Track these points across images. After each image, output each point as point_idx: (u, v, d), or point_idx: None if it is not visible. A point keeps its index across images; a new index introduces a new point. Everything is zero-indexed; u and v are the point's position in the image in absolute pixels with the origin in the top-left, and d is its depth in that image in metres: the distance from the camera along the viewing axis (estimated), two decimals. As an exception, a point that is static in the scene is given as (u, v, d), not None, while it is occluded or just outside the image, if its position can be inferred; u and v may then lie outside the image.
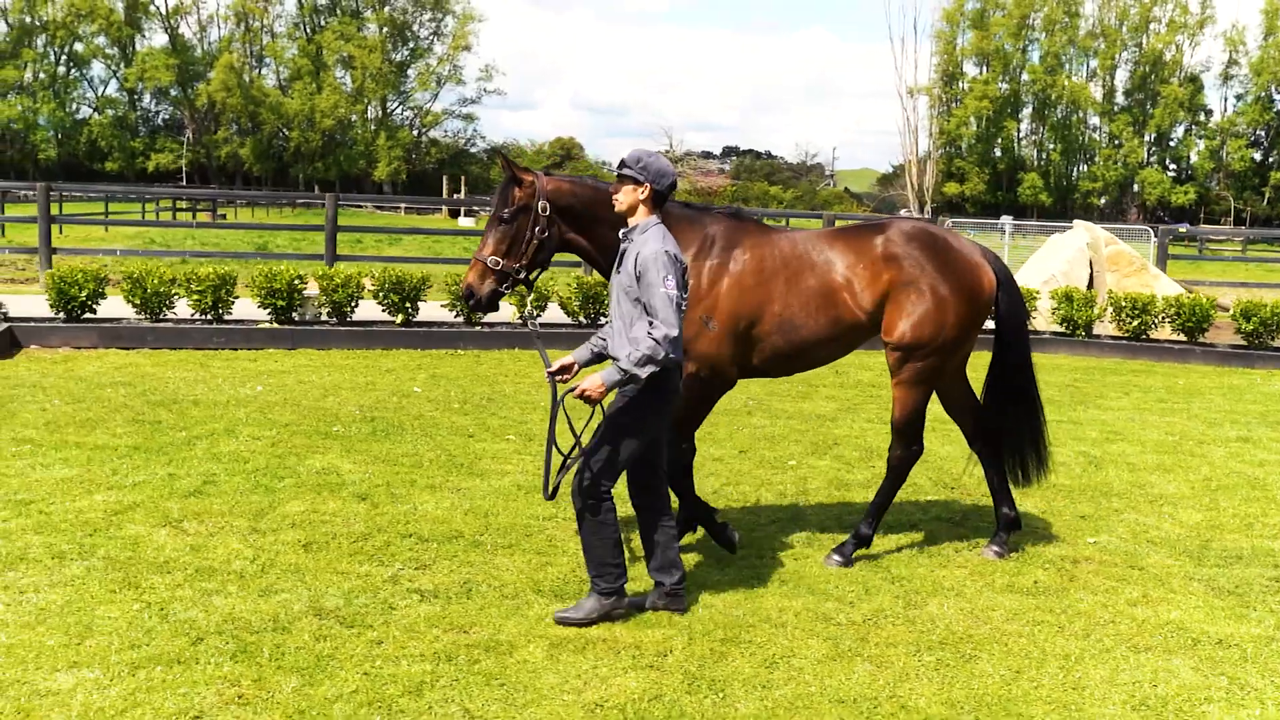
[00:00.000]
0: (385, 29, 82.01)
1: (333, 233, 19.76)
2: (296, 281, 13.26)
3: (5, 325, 12.11)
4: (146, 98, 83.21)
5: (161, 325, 12.85)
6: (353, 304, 13.44)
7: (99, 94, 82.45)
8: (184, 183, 69.98)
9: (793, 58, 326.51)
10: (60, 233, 34.51)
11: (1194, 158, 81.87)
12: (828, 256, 6.19)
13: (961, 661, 5.03)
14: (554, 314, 15.04)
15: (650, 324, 5.00)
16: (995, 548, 6.53)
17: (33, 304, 14.19)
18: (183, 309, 13.47)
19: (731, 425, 9.88)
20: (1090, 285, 16.69)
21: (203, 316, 13.12)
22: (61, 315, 12.74)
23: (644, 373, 4.98)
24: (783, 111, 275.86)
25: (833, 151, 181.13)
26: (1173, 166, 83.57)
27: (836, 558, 6.25)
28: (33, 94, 77.02)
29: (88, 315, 12.86)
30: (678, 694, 4.57)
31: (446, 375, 11.83)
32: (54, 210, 36.97)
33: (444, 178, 68.54)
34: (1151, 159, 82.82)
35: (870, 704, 4.57)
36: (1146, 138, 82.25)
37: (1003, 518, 6.63)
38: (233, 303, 13.24)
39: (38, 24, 77.77)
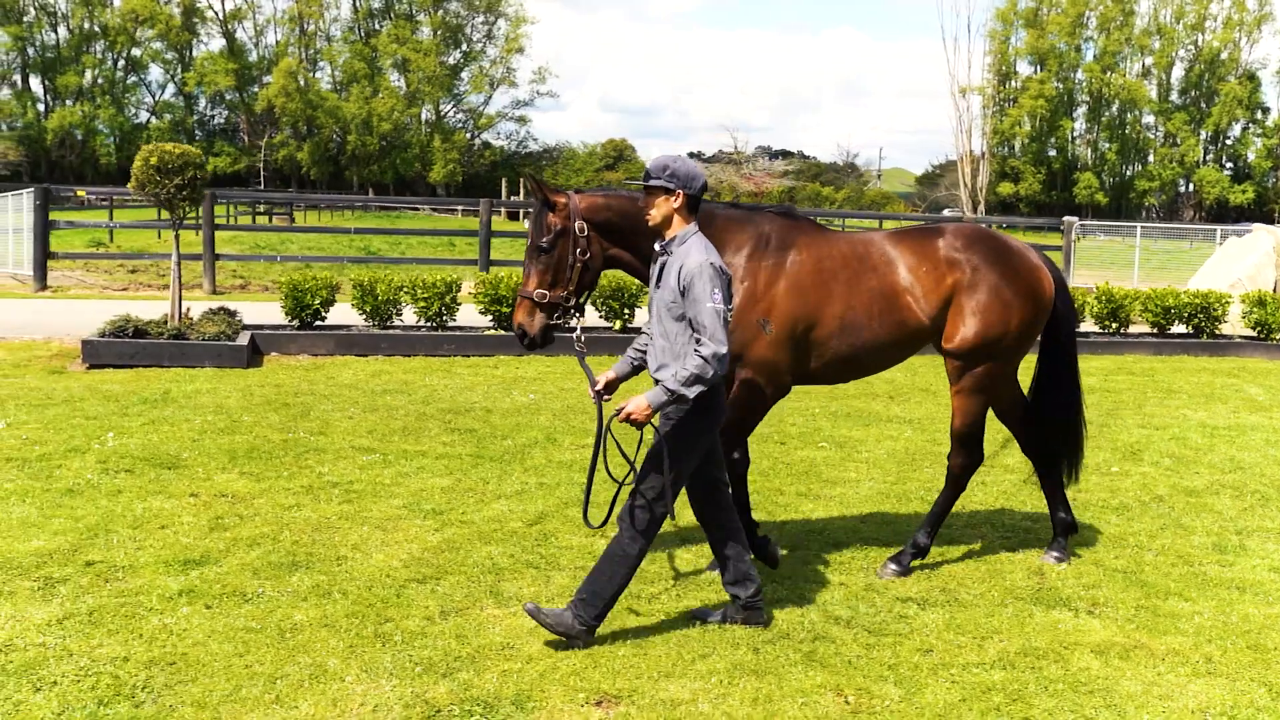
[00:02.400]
0: (439, 32, 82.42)
1: (487, 238, 19.96)
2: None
3: (249, 334, 12.28)
4: (202, 102, 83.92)
5: (391, 332, 13.02)
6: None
7: (156, 98, 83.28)
8: (262, 186, 70.47)
9: (821, 58, 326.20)
10: (159, 238, 34.95)
11: (1251, 156, 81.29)
12: (889, 257, 5.96)
13: None
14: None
15: (698, 341, 4.73)
16: (1055, 553, 6.34)
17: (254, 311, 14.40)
18: (406, 316, 13.64)
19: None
20: (1275, 289, 16.66)
21: (428, 324, 13.28)
22: (295, 323, 12.91)
23: (692, 393, 4.73)
24: (812, 112, 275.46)
25: (879, 152, 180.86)
26: (1229, 165, 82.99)
27: (893, 567, 6.04)
28: (92, 98, 77.83)
29: (318, 322, 13.03)
30: (1275, 703, 4.64)
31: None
32: (118, 217, 37.58)
33: (503, 181, 68.86)
34: (1208, 158, 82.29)
35: None
36: (1202, 136, 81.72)
37: (1060, 523, 6.45)
38: (457, 309, 13.40)
39: (97, 29, 78.58)
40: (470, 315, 14.07)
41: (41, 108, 78.52)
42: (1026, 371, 6.56)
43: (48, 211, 18.91)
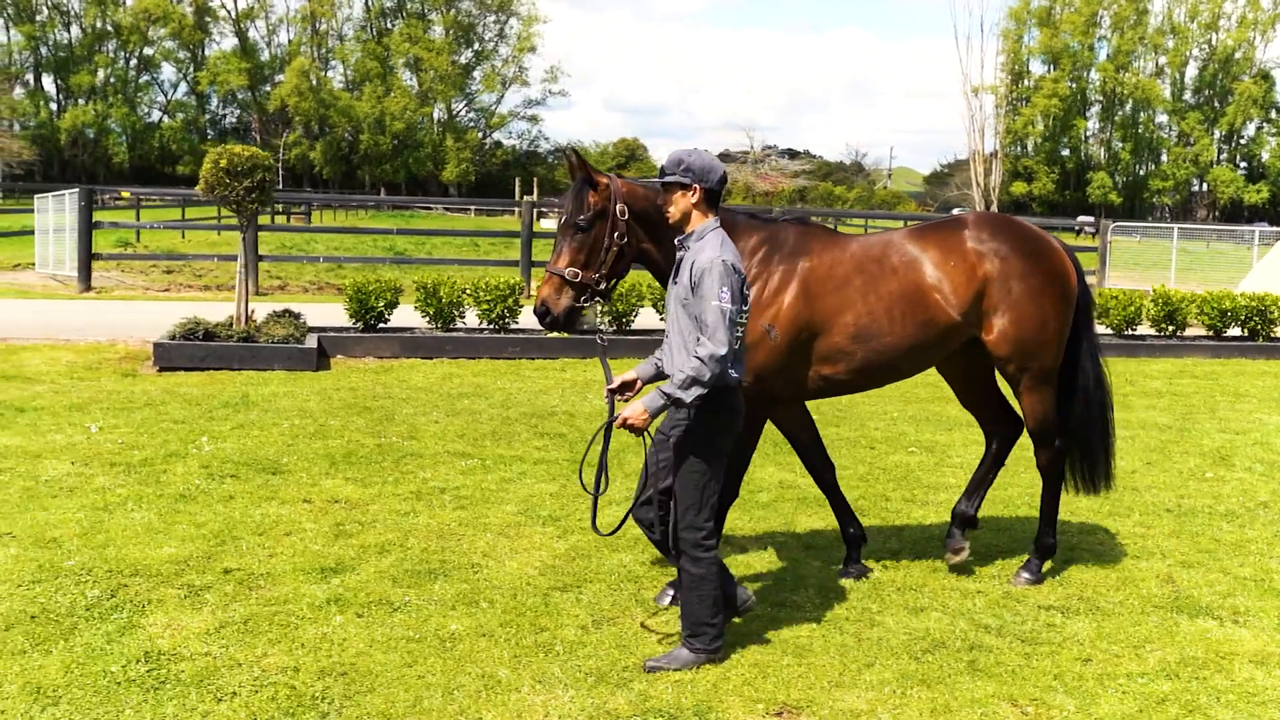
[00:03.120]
0: (451, 31, 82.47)
1: (528, 239, 19.99)
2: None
3: (315, 336, 12.28)
4: (214, 101, 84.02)
5: (454, 335, 13.02)
6: (634, 313, 13.55)
7: (169, 98, 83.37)
8: (280, 186, 70.48)
9: (828, 58, 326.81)
10: (183, 238, 34.93)
11: (1266, 156, 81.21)
12: (911, 256, 5.81)
13: None
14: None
15: (698, 341, 4.53)
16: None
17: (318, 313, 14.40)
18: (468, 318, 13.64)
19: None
20: (1328, 290, 16.64)
21: (490, 326, 13.28)
22: (359, 325, 12.92)
23: (689, 396, 4.50)
24: (819, 111, 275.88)
25: (889, 152, 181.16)
26: (1244, 165, 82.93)
27: (1026, 575, 6.01)
28: (105, 98, 77.91)
29: (382, 325, 13.04)
30: None
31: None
32: (139, 217, 37.53)
33: (517, 180, 68.96)
34: (1222, 157, 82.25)
35: None
36: (1216, 135, 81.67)
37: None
38: (520, 312, 13.40)
39: (109, 28, 78.68)
40: (531, 318, 14.05)
41: (54, 107, 78.64)
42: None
43: (91, 212, 18.92)
